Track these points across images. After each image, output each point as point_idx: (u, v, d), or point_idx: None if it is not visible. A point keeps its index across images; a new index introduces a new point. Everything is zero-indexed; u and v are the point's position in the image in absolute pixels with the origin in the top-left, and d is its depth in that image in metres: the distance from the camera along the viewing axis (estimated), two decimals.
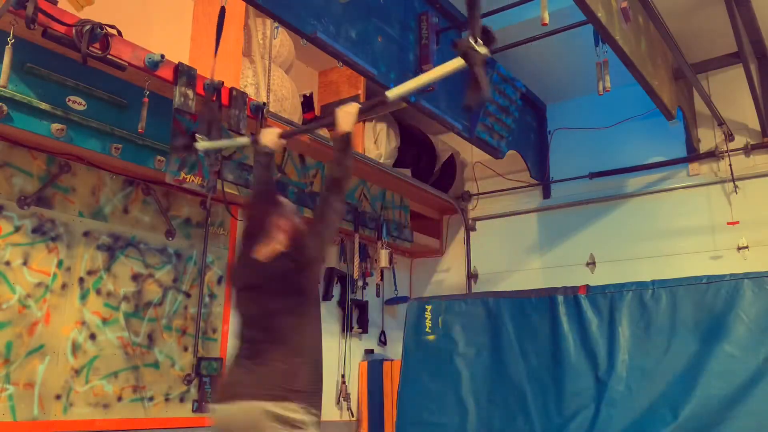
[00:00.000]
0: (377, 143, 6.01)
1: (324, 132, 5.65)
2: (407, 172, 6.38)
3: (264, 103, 4.63)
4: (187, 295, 4.81)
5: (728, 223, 5.73)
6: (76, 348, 4.08)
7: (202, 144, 3.83)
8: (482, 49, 2.38)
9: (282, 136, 3.36)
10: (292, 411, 2.49)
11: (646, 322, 4.62)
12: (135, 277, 4.49)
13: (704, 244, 5.82)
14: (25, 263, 3.90)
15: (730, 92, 5.93)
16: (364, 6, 4.42)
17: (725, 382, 4.17)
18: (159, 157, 4.29)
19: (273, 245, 2.71)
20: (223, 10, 3.95)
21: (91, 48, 3.54)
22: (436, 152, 6.84)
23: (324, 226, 2.78)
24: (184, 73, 3.99)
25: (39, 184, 4.02)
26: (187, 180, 4.46)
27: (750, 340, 4.23)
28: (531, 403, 4.83)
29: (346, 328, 6.26)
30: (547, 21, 3.67)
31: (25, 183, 3.96)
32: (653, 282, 4.72)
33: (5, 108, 3.51)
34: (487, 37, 2.38)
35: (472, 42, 2.37)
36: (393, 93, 2.87)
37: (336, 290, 6.24)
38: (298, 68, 6.00)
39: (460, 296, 5.74)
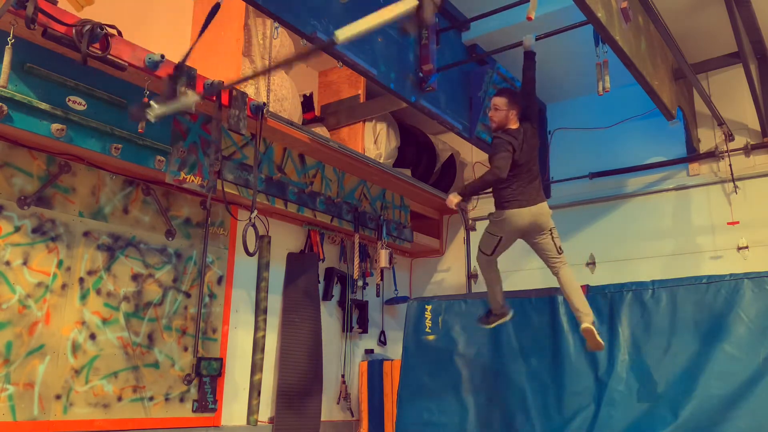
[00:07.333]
0: (377, 143, 6.00)
1: (324, 132, 5.65)
2: (407, 172, 6.38)
3: (264, 103, 4.63)
4: (187, 295, 4.81)
5: (728, 223, 5.72)
6: (76, 348, 4.08)
7: (154, 111, 3.49)
8: None
9: None
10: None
11: (646, 322, 4.62)
12: (135, 277, 4.49)
13: (704, 244, 5.81)
14: (25, 263, 3.91)
15: (730, 92, 5.93)
16: (364, 6, 4.41)
17: (725, 382, 4.17)
18: (159, 157, 4.29)
19: None
20: (217, 6, 3.80)
21: (91, 48, 3.54)
22: (436, 152, 6.84)
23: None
24: (184, 73, 3.98)
25: (39, 184, 4.02)
26: (187, 180, 4.46)
27: (750, 340, 4.23)
28: (531, 403, 4.83)
29: (346, 328, 6.26)
30: (533, 16, 3.70)
31: (25, 183, 3.96)
32: (653, 282, 4.72)
33: (5, 108, 3.51)
34: None
35: None
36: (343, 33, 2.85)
37: (336, 290, 6.24)
38: (298, 68, 6.00)
39: (460, 296, 5.74)
